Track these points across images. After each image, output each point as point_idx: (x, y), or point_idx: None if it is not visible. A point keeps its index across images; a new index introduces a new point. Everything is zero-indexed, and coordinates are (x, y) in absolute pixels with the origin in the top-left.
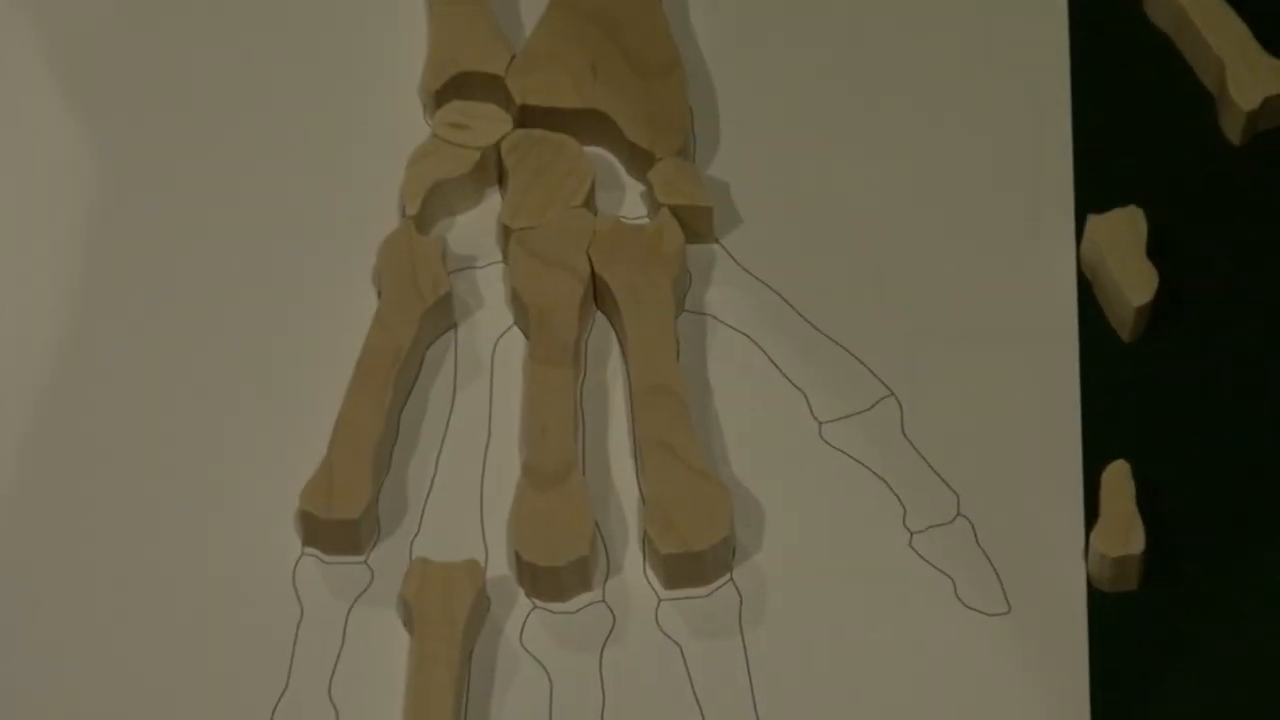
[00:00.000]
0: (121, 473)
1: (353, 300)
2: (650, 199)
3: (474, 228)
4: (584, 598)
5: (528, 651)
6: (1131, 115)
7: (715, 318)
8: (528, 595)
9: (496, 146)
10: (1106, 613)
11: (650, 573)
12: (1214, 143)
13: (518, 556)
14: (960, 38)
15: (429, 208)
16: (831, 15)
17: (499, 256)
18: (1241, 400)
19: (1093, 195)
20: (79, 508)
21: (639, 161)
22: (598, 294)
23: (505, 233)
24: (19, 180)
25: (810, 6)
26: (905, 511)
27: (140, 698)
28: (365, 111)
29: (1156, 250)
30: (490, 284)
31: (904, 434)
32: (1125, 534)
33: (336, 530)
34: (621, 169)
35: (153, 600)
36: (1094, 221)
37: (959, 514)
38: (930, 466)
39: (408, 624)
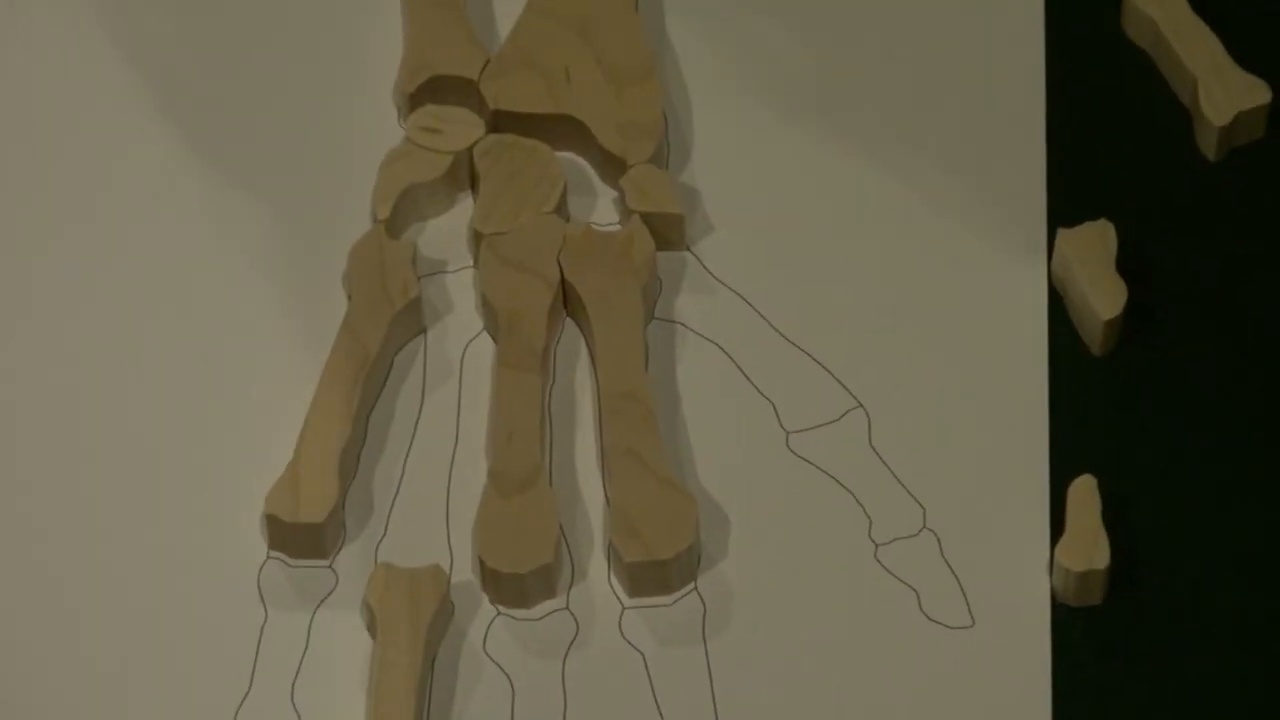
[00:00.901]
0: (87, 473)
1: (323, 304)
2: (622, 205)
3: (445, 232)
4: (548, 605)
5: (490, 658)
6: (1105, 130)
7: (685, 325)
8: (491, 601)
9: (469, 151)
10: (1070, 627)
11: (614, 580)
12: (1188, 157)
13: (482, 563)
14: (935, 53)
15: (400, 212)
16: (807, 29)
17: (470, 261)
18: (1210, 416)
19: (1064, 208)
20: (43, 507)
21: (611, 168)
22: (567, 300)
23: (476, 238)
24: None
25: (785, 19)
26: (871, 523)
27: (103, 699)
28: (338, 114)
29: (1126, 265)
30: (461, 289)
31: (871, 446)
32: (1090, 549)
33: (302, 534)
34: (594, 175)
35: (116, 601)
36: (1064, 235)
37: (925, 527)
38: (897, 479)
39: (371, 629)
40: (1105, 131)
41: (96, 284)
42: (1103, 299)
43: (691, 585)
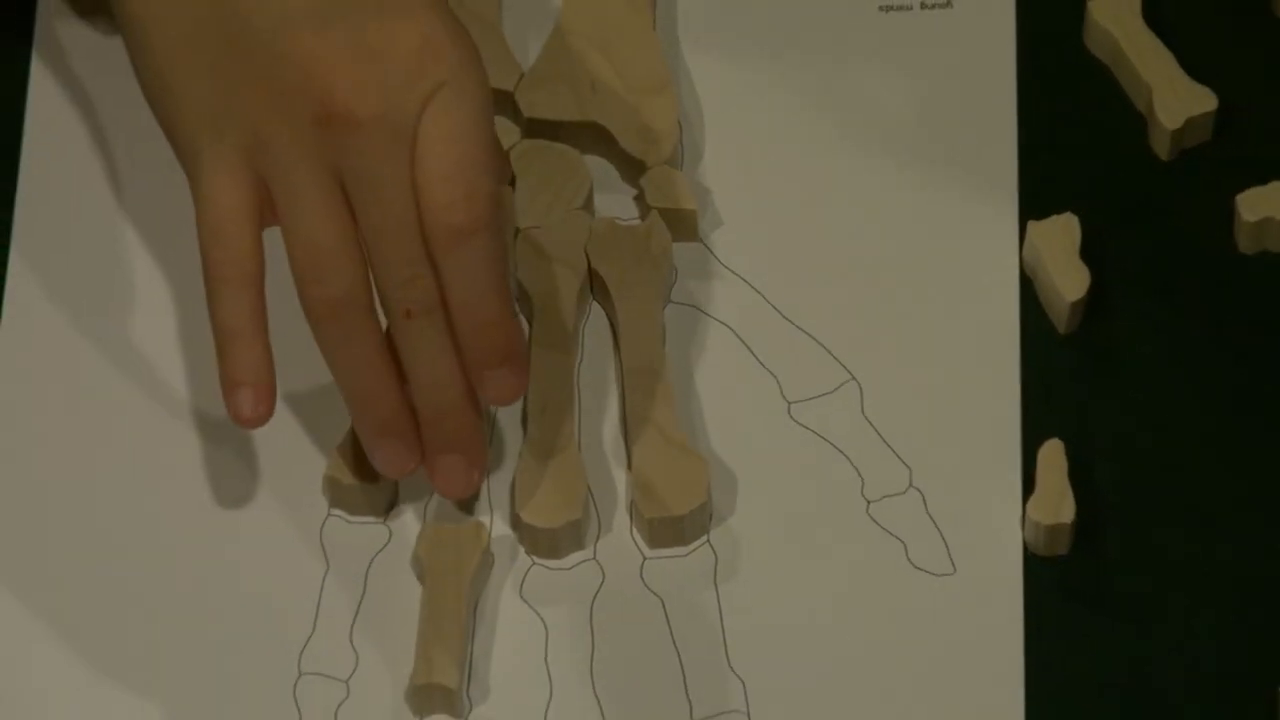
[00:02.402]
0: (176, 440)
1: None
2: (642, 202)
3: None
4: (577, 556)
5: (527, 603)
6: (1069, 133)
7: (698, 308)
8: (527, 553)
9: (507, 154)
10: (1040, 574)
11: (636, 534)
12: (1143, 158)
13: (518, 519)
14: (920, 67)
15: None
16: (804, 45)
17: None
18: (1163, 387)
19: (1033, 204)
20: (149, 468)
21: (632, 169)
22: (594, 286)
23: (513, 231)
24: None
25: (786, 38)
26: (863, 483)
27: (183, 641)
28: None
29: (1089, 253)
30: None
31: (863, 414)
32: (1058, 505)
33: (359, 494)
34: (617, 175)
35: (199, 554)
36: (1034, 227)
37: (911, 485)
38: (886, 443)
39: (421, 578)
40: (1070, 135)
41: (168, 255)
42: (1068, 283)
43: (704, 538)
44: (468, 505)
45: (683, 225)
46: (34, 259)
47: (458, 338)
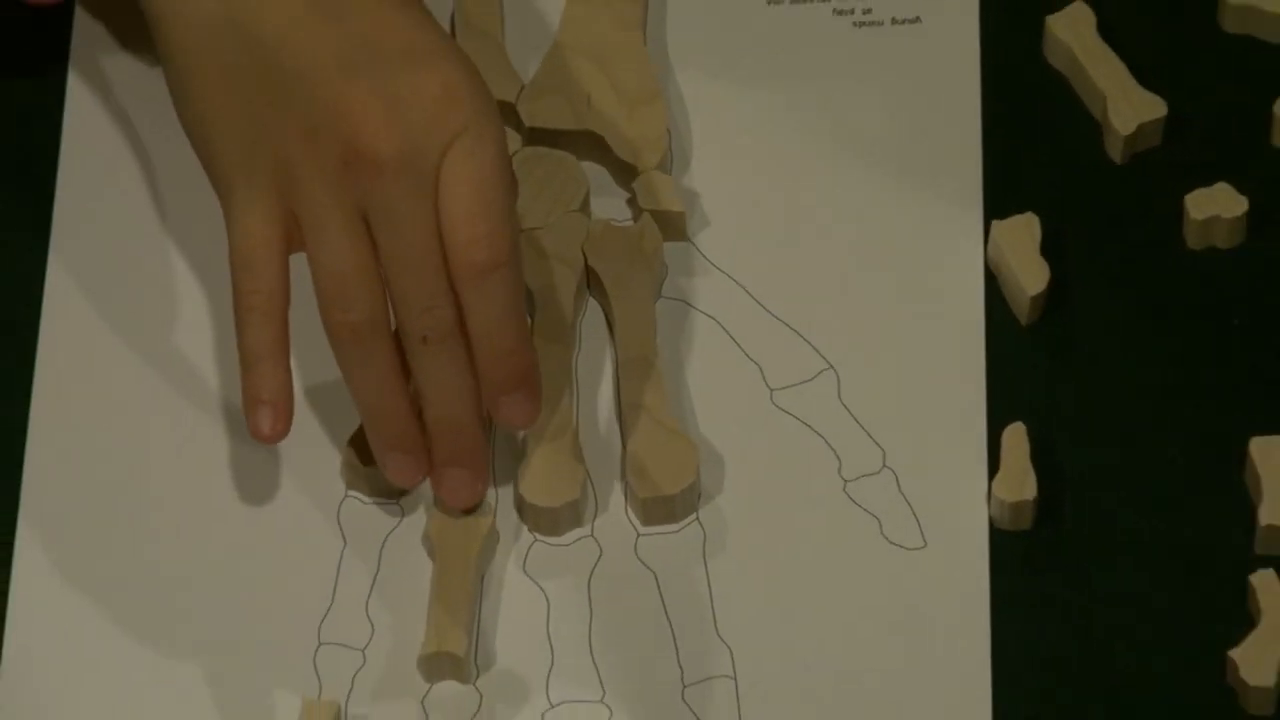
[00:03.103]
0: (210, 431)
1: None
2: (634, 205)
3: None
4: (576, 533)
5: (529, 577)
6: (1030, 139)
7: (687, 303)
8: (530, 531)
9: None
10: (1005, 547)
11: (630, 513)
12: (1098, 162)
13: (521, 499)
14: (892, 78)
15: None
16: (784, 59)
17: None
18: (1117, 373)
19: (996, 204)
20: (187, 457)
21: (625, 174)
22: (590, 283)
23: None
24: None
25: (768, 53)
26: (840, 463)
27: (214, 612)
28: None
29: (1049, 250)
30: None
31: (840, 400)
32: (1021, 483)
33: (374, 477)
34: (611, 180)
35: (229, 533)
36: (997, 226)
37: (885, 466)
38: (862, 427)
39: (431, 554)
40: (1030, 140)
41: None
42: (1029, 278)
43: (693, 516)
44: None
45: (672, 226)
46: (72, 265)
47: (477, 364)
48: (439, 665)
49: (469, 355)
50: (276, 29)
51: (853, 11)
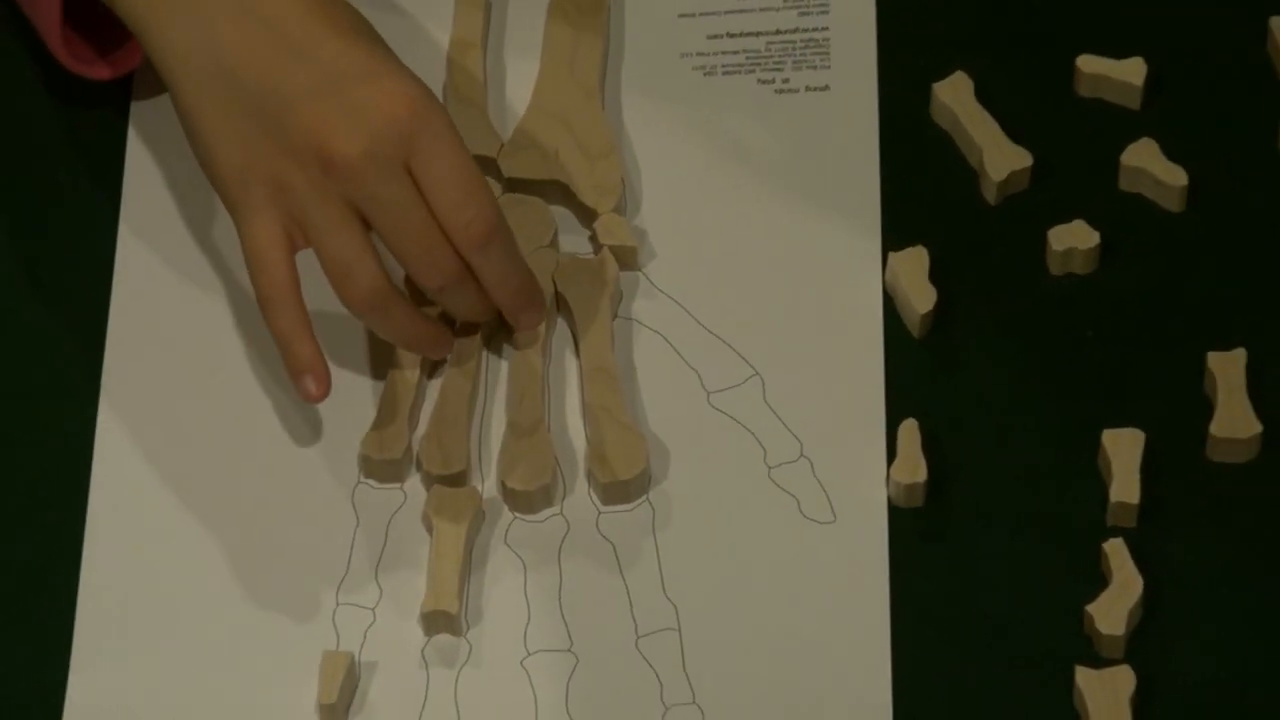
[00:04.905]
0: (248, 429)
1: None
2: (595, 241)
3: None
4: (548, 511)
5: (510, 548)
6: (919, 184)
7: (638, 321)
8: (510, 510)
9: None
10: (901, 522)
11: (592, 494)
12: (976, 203)
13: (503, 484)
14: (805, 135)
15: None
16: (718, 119)
17: None
18: (993, 378)
19: (892, 238)
20: (231, 456)
21: (587, 216)
22: (559, 306)
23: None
24: None
25: (706, 114)
26: (765, 453)
27: (250, 576)
28: None
29: (936, 276)
30: None
31: (765, 401)
32: (914, 468)
33: (384, 466)
34: (576, 221)
35: (257, 516)
36: (893, 256)
37: (802, 455)
38: (783, 423)
39: (429, 530)
40: (920, 185)
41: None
42: (920, 299)
43: (644, 497)
44: (463, 478)
45: (626, 258)
46: (139, 258)
47: (496, 302)
48: (436, 621)
49: (479, 287)
50: (258, 73)
51: (773, 81)
